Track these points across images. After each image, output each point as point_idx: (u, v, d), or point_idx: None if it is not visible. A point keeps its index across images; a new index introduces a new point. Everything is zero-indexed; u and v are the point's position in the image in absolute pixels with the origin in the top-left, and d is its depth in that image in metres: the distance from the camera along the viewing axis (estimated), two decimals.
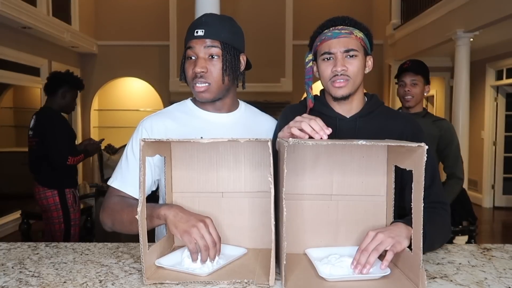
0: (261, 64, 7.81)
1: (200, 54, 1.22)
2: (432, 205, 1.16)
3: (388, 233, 0.97)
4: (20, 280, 0.96)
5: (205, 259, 0.98)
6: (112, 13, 7.96)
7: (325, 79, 1.24)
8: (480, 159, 6.72)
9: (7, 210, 5.28)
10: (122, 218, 1.16)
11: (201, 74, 1.21)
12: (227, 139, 0.94)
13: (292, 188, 1.09)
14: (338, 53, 1.19)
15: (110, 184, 1.27)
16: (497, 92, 6.57)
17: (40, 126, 2.95)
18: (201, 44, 1.22)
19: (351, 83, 1.21)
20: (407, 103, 2.48)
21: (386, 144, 0.91)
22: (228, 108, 1.34)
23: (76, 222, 3.05)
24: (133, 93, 8.34)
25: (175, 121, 1.29)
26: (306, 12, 7.80)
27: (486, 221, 5.99)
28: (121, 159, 1.29)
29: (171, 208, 1.04)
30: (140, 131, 1.28)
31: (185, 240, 0.98)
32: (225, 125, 1.31)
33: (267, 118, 1.44)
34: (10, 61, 5.23)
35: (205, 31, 1.22)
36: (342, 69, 1.18)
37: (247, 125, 1.35)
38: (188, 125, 1.29)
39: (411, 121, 1.30)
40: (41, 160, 2.98)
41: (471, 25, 4.87)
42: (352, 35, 1.20)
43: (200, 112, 1.32)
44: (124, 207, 1.18)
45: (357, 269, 0.94)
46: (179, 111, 1.33)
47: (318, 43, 1.24)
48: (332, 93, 1.23)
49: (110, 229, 1.23)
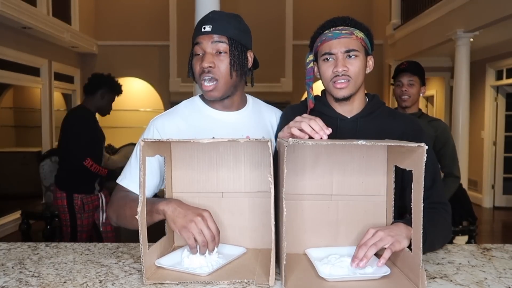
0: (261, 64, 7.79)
1: (207, 50, 1.22)
2: (433, 206, 1.16)
3: (388, 232, 0.97)
4: (20, 280, 0.96)
5: (204, 252, 0.98)
6: (112, 13, 7.96)
7: (326, 80, 1.23)
8: (480, 159, 6.72)
9: (7, 210, 5.28)
10: (125, 213, 1.17)
11: (209, 69, 1.21)
12: (226, 139, 0.94)
13: (292, 188, 1.09)
14: (339, 54, 1.19)
15: (119, 182, 1.27)
16: (497, 92, 6.57)
17: (67, 122, 2.97)
18: (208, 40, 1.22)
19: (352, 84, 1.20)
20: (404, 102, 2.51)
21: (386, 144, 0.91)
22: (237, 106, 1.33)
23: (84, 228, 2.97)
24: (133, 93, 8.33)
25: (186, 121, 1.29)
26: (306, 12, 7.79)
27: (486, 221, 5.98)
28: (131, 158, 1.29)
29: (169, 203, 1.03)
30: (152, 131, 1.27)
31: (184, 236, 0.98)
32: (234, 124, 1.30)
33: (270, 110, 1.43)
34: (10, 61, 5.23)
35: (212, 27, 1.22)
36: (343, 70, 1.18)
37: (255, 121, 1.35)
38: (199, 124, 1.28)
39: (412, 121, 1.30)
40: (60, 157, 3.00)
41: (471, 25, 4.87)
42: (352, 35, 1.20)
43: (210, 111, 1.31)
44: (127, 201, 1.18)
45: (354, 263, 0.95)
46: (189, 109, 1.32)
47: (318, 43, 1.24)
48: (333, 94, 1.23)
49: (115, 223, 1.24)
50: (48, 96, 6.13)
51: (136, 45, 7.79)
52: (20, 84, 5.86)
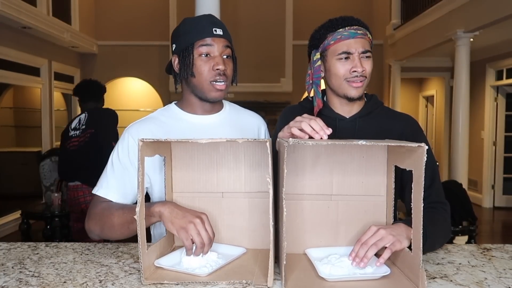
0: (261, 64, 7.85)
1: (218, 53, 1.23)
2: (433, 205, 1.16)
3: (390, 231, 0.97)
4: (20, 280, 0.96)
5: (198, 254, 0.99)
6: (112, 13, 7.96)
7: (339, 78, 1.22)
8: (480, 159, 6.72)
9: (7, 210, 5.28)
10: (113, 222, 1.13)
11: (224, 71, 1.23)
12: (225, 139, 0.94)
13: (292, 188, 1.09)
14: (356, 53, 1.19)
15: (95, 192, 1.23)
16: (497, 92, 6.57)
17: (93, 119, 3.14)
18: (219, 43, 1.23)
19: (365, 84, 1.22)
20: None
21: (386, 144, 0.90)
22: (216, 109, 1.34)
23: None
24: (133, 93, 8.34)
25: (161, 127, 1.27)
26: (306, 12, 7.79)
27: (486, 221, 5.99)
28: (106, 167, 1.26)
29: (166, 205, 1.03)
30: (127, 138, 1.25)
31: (182, 236, 0.98)
32: (212, 126, 1.30)
33: (251, 114, 1.44)
34: (10, 61, 5.23)
35: (223, 31, 1.24)
36: (362, 70, 1.19)
37: (233, 124, 1.35)
38: (175, 129, 1.27)
39: (411, 121, 1.30)
40: (91, 155, 3.02)
41: (471, 25, 4.87)
42: (366, 36, 1.21)
43: (186, 116, 1.31)
44: (114, 210, 1.15)
45: (355, 261, 0.95)
46: (164, 116, 1.31)
47: (331, 42, 1.21)
48: (347, 93, 1.22)
49: (98, 236, 1.20)
50: (48, 96, 6.14)
51: (136, 45, 7.79)
52: (20, 84, 5.86)
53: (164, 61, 7.79)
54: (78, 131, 3.13)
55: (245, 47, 7.02)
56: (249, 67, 7.06)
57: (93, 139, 3.06)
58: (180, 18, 7.44)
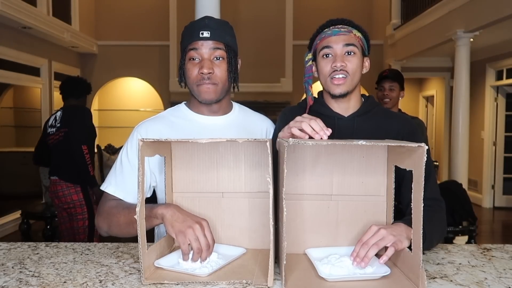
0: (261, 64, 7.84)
1: (205, 56, 1.23)
2: (428, 203, 1.15)
3: (391, 230, 0.97)
4: (20, 280, 0.96)
5: (196, 260, 0.98)
6: (112, 13, 7.96)
7: (324, 76, 1.25)
8: (480, 159, 6.72)
9: (7, 210, 5.27)
10: (119, 221, 1.16)
11: (209, 75, 1.22)
12: (225, 139, 0.94)
13: (292, 188, 1.09)
14: (338, 49, 1.21)
15: (104, 189, 1.26)
16: (497, 92, 6.57)
17: (66, 118, 3.12)
18: (206, 46, 1.22)
19: (349, 81, 1.22)
20: (385, 105, 2.88)
21: (386, 144, 0.90)
22: (223, 111, 1.34)
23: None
24: (133, 93, 8.34)
25: (170, 126, 1.29)
26: (306, 12, 7.79)
27: (486, 221, 5.99)
28: (115, 164, 1.28)
29: (168, 207, 1.04)
30: (136, 137, 1.27)
31: (179, 240, 0.98)
32: (221, 128, 1.31)
33: (260, 117, 1.44)
34: (10, 61, 5.23)
35: (210, 33, 1.22)
36: (341, 65, 1.20)
37: (242, 126, 1.35)
38: (183, 129, 1.28)
39: (407, 120, 1.33)
40: (66, 153, 3.03)
41: (471, 25, 4.87)
42: (351, 33, 1.23)
43: (195, 116, 1.32)
44: (121, 209, 1.17)
45: (356, 261, 0.95)
46: (174, 116, 1.33)
47: (317, 41, 1.26)
48: (331, 91, 1.24)
49: (106, 233, 1.23)
50: (48, 96, 6.14)
51: (136, 45, 7.79)
52: (20, 84, 5.86)
53: (164, 61, 7.80)
54: (54, 128, 3.15)
55: (245, 47, 7.01)
56: (249, 67, 7.04)
57: (66, 138, 3.08)
58: (180, 18, 7.45)
